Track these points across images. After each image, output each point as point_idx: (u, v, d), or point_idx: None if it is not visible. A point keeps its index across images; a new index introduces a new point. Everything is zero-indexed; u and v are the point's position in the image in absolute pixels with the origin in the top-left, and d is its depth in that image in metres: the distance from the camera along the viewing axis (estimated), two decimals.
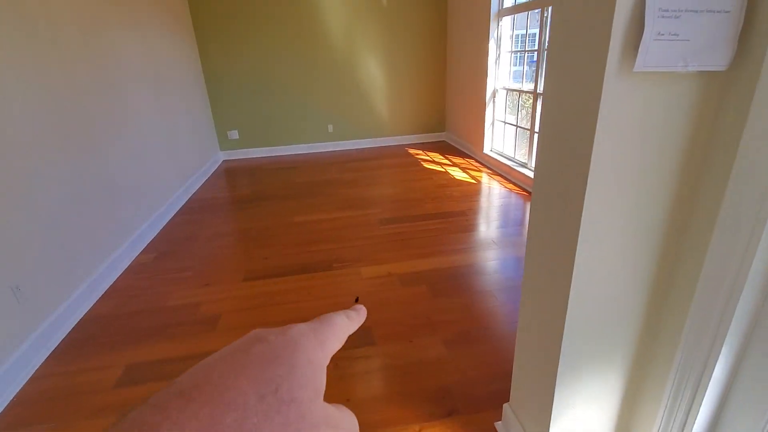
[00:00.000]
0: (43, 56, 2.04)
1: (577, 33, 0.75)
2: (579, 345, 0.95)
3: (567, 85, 0.80)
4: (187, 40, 4.47)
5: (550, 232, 0.94)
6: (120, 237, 2.58)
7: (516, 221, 3.01)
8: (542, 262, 0.99)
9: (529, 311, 1.10)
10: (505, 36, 4.08)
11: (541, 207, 0.97)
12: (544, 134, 0.92)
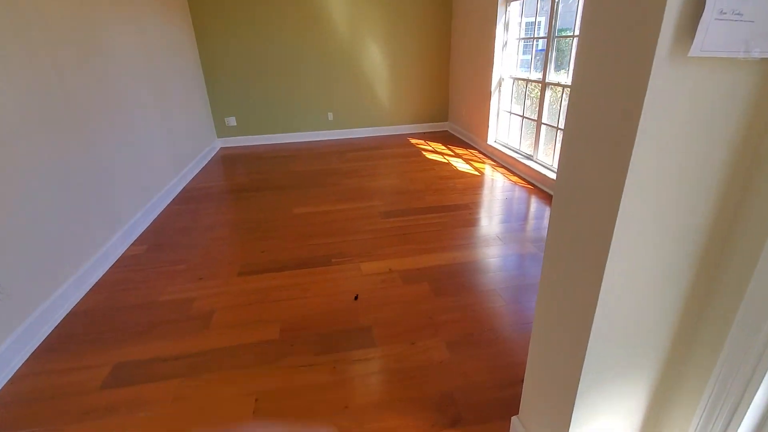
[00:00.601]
0: (29, 38, 1.92)
1: (618, 11, 0.65)
2: (604, 357, 0.86)
3: (603, 72, 0.69)
4: (183, 24, 4.31)
5: (575, 237, 0.85)
6: (110, 228, 2.48)
7: (520, 216, 2.92)
8: (565, 269, 0.90)
9: (546, 319, 1.01)
10: (513, 22, 3.93)
11: (564, 208, 0.88)
12: (571, 129, 0.81)
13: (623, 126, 0.66)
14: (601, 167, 0.73)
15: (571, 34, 3.07)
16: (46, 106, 2.00)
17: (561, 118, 3.26)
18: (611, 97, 0.68)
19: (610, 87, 0.68)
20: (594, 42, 0.71)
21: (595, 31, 0.71)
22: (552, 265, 0.96)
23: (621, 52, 0.65)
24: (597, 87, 0.71)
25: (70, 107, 2.20)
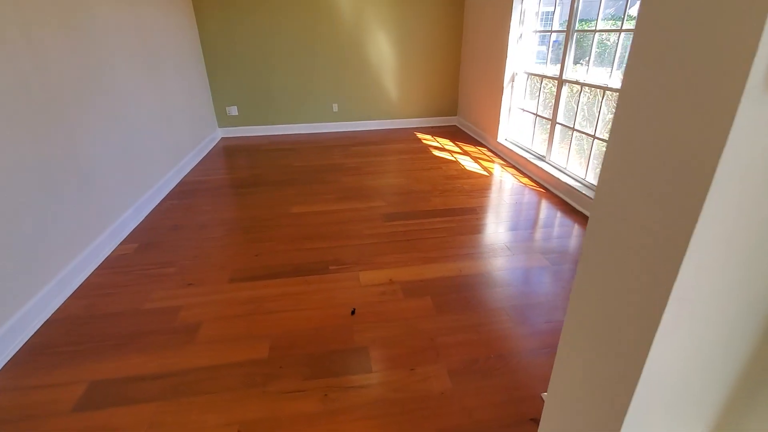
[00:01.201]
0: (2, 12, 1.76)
1: (695, 20, 0.48)
2: (648, 414, 0.71)
3: (670, 89, 0.53)
4: (183, 9, 4.13)
5: (619, 275, 0.69)
6: (98, 226, 2.35)
7: (529, 223, 2.75)
8: (602, 310, 0.74)
9: (572, 362, 0.86)
10: (530, 12, 3.71)
11: (606, 240, 0.72)
12: (618, 151, 0.65)
13: (696, 167, 0.50)
14: (662, 204, 0.57)
15: (593, 27, 2.85)
16: (18, 91, 1.85)
17: (578, 117, 3.07)
18: (681, 131, 0.52)
19: (680, 117, 0.52)
20: (658, 59, 0.55)
21: (659, 38, 0.54)
22: (583, 306, 0.81)
23: (700, 74, 0.48)
24: (659, 116, 0.55)
25: (50, 94, 2.05)
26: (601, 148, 2.88)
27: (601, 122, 2.83)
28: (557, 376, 0.92)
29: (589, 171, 2.99)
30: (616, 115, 0.65)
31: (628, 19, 2.59)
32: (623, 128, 0.64)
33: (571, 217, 2.81)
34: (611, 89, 2.67)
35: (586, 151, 3.15)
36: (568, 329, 0.86)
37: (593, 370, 0.78)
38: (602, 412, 0.76)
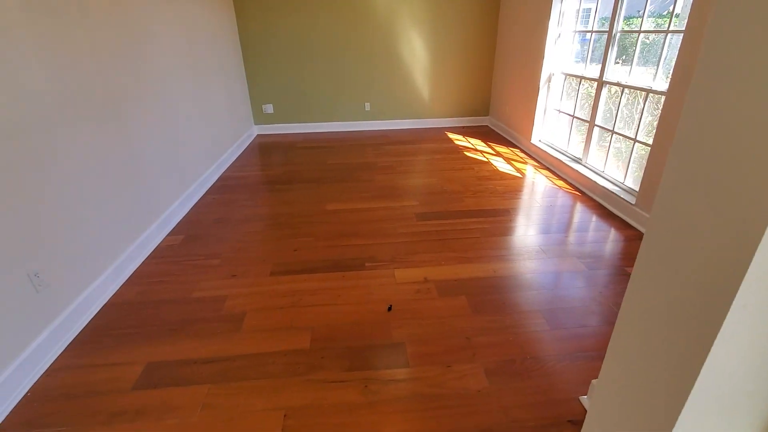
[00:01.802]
0: (69, 23, 1.91)
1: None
2: (700, 420, 0.73)
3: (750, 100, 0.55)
4: (224, 10, 4.28)
5: (679, 284, 0.71)
6: (149, 217, 2.50)
7: (564, 225, 2.73)
8: (657, 319, 0.76)
9: (621, 367, 0.89)
10: (569, 12, 3.65)
11: (666, 249, 0.74)
12: (683, 162, 0.67)
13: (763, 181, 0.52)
14: (727, 226, 0.59)
15: (635, 26, 2.78)
16: (83, 92, 2.00)
17: (617, 119, 3.00)
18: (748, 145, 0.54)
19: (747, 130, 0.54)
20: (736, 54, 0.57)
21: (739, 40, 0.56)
22: (632, 321, 0.82)
23: None
24: (734, 118, 0.57)
25: (109, 93, 2.20)
26: (641, 152, 2.82)
27: (642, 125, 2.77)
28: (604, 379, 0.94)
29: (629, 175, 2.93)
30: (683, 119, 0.67)
31: (669, 17, 2.52)
32: (689, 135, 0.65)
33: (607, 221, 2.76)
34: (655, 92, 2.60)
35: (624, 154, 3.08)
36: (618, 335, 0.88)
37: (644, 376, 0.80)
38: (652, 417, 0.78)
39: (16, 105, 1.57)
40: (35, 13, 1.69)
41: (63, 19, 1.86)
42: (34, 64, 1.68)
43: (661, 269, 0.73)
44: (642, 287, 0.79)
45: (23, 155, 1.59)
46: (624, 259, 2.32)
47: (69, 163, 1.84)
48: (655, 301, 0.76)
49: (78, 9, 1.96)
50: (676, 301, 0.70)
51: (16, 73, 1.58)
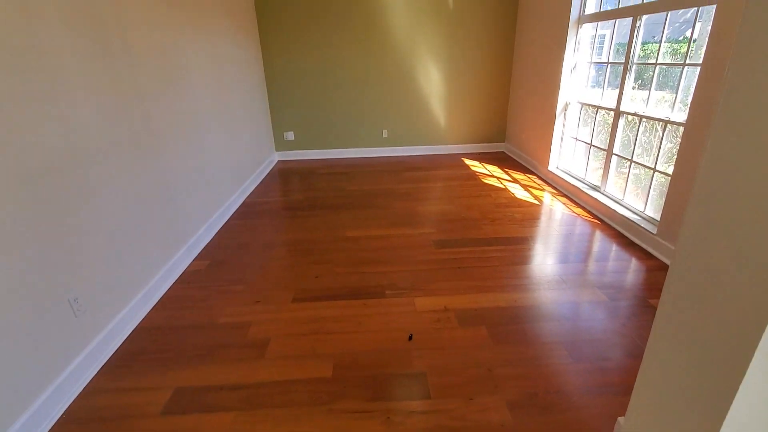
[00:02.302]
0: (115, 64, 2.06)
1: None
2: None
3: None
4: (251, 43, 4.52)
5: (702, 328, 0.73)
6: (178, 242, 2.60)
7: (584, 255, 2.72)
8: (685, 359, 0.78)
9: (649, 404, 0.89)
10: (585, 43, 3.73)
11: (690, 293, 0.76)
12: (706, 205, 0.71)
13: None
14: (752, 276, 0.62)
15: (654, 54, 2.81)
16: (125, 128, 2.14)
17: (636, 146, 3.02)
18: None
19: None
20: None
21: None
22: (660, 360, 0.84)
23: None
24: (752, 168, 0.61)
25: (149, 128, 2.34)
26: (661, 179, 2.82)
27: (662, 152, 2.78)
28: (632, 418, 0.95)
29: (649, 203, 2.92)
30: (704, 165, 0.71)
31: (687, 42, 2.56)
32: (712, 179, 0.69)
33: (628, 251, 2.75)
34: (674, 122, 2.62)
35: (643, 182, 3.08)
36: (645, 373, 0.89)
37: (673, 415, 0.81)
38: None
39: (66, 141, 1.70)
40: (86, 56, 1.85)
41: (110, 62, 2.01)
42: (84, 103, 1.82)
43: (687, 307, 0.75)
44: (669, 325, 0.81)
45: (70, 188, 1.70)
46: (647, 290, 2.29)
47: (109, 194, 1.95)
48: (683, 339, 0.77)
49: (123, 51, 2.13)
50: (704, 341, 0.72)
51: (68, 112, 1.72)
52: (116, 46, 2.07)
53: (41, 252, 1.54)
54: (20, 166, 1.46)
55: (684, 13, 2.73)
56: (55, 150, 1.63)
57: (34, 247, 1.51)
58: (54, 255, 1.60)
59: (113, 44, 2.04)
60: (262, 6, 4.71)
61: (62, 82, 1.69)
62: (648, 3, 2.83)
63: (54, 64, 1.65)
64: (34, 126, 1.53)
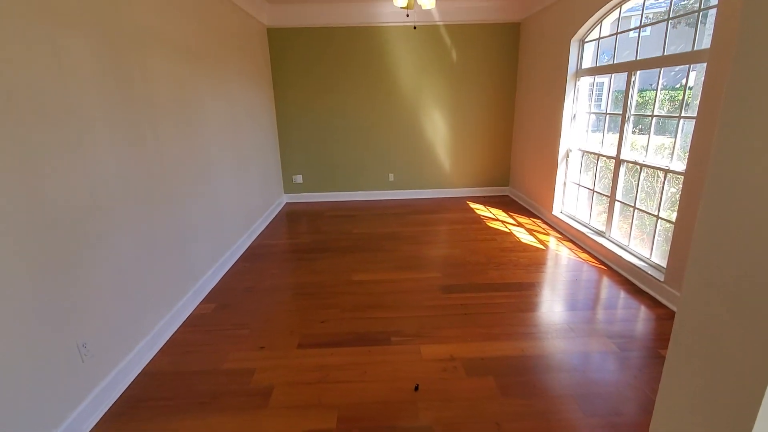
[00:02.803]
0: (136, 112, 2.19)
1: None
2: None
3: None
4: (265, 91, 4.77)
5: (709, 387, 0.73)
6: (185, 286, 2.63)
7: (592, 302, 2.70)
8: (693, 418, 0.78)
9: None
10: (583, 94, 3.89)
11: (694, 347, 0.77)
12: (703, 267, 0.73)
13: None
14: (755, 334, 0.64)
15: (651, 100, 2.91)
16: (144, 176, 2.23)
17: (639, 191, 3.07)
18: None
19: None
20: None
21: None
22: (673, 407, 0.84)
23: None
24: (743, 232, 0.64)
25: (164, 174, 2.44)
26: (666, 225, 2.84)
27: (665, 197, 2.82)
28: None
29: (655, 249, 2.93)
30: (698, 233, 0.74)
31: (680, 89, 2.67)
32: (706, 244, 0.72)
33: (636, 298, 2.72)
34: (674, 172, 2.69)
35: (648, 227, 3.10)
36: (657, 430, 0.88)
37: None
38: None
39: (87, 191, 1.78)
40: (112, 110, 1.97)
41: (133, 114, 2.14)
42: (106, 153, 1.92)
43: (693, 363, 0.76)
44: (677, 378, 0.82)
45: (84, 236, 1.77)
46: (657, 340, 2.26)
47: (121, 240, 2.02)
48: (692, 393, 0.78)
49: (146, 104, 2.27)
50: (710, 397, 0.72)
51: (92, 162, 1.82)
52: (140, 100, 2.21)
53: (53, 297, 1.58)
54: (41, 214, 1.53)
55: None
56: (75, 199, 1.71)
57: (48, 292, 1.55)
58: (65, 301, 1.63)
59: (138, 98, 2.19)
60: (277, 55, 5.01)
61: (89, 135, 1.80)
62: (641, 60, 2.98)
63: (83, 118, 1.77)
64: (59, 176, 1.62)
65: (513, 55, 5.13)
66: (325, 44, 4.99)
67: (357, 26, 4.93)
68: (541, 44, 4.45)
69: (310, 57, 5.03)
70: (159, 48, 2.41)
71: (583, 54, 3.80)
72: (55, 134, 1.61)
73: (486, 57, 5.12)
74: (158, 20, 2.41)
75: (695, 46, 2.53)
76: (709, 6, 2.45)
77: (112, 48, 1.98)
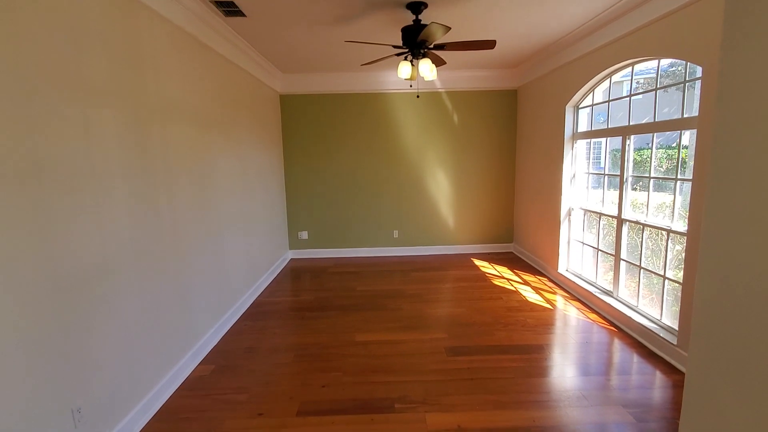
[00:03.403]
0: (153, 177, 2.29)
1: None
2: None
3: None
4: (275, 151, 4.98)
5: None
6: (185, 346, 2.57)
7: (604, 366, 2.60)
8: None
9: None
10: (581, 155, 4.02)
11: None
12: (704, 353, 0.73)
13: None
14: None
15: (648, 158, 2.98)
16: (155, 238, 2.28)
17: (644, 249, 3.06)
18: None
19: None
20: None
21: None
22: None
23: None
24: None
25: (175, 235, 2.49)
26: (673, 285, 2.80)
27: (671, 254, 2.80)
28: None
29: (665, 310, 2.86)
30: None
31: (676, 148, 2.75)
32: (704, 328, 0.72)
33: (650, 363, 2.62)
34: (675, 232, 2.70)
35: (656, 287, 3.06)
36: None
37: None
38: None
39: (98, 254, 1.82)
40: (131, 175, 2.07)
41: (150, 178, 2.24)
42: (122, 217, 1.99)
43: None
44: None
45: (88, 299, 1.78)
46: (675, 409, 2.14)
47: (124, 303, 2.02)
48: None
49: (163, 169, 2.38)
50: None
51: (107, 226, 1.88)
52: (158, 165, 2.32)
53: (53, 361, 1.55)
54: (49, 277, 1.56)
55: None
56: (85, 262, 1.74)
57: (48, 356, 1.53)
58: (65, 365, 1.61)
59: (156, 163, 2.30)
60: (287, 118, 5.29)
61: (106, 200, 1.88)
62: (634, 125, 3.12)
63: (103, 184, 1.85)
64: (72, 240, 1.67)
65: (512, 118, 5.39)
66: (333, 108, 5.29)
67: (364, 93, 5.25)
68: (537, 109, 4.69)
69: (319, 120, 5.31)
70: (178, 115, 2.57)
71: (579, 118, 3.98)
72: (74, 199, 1.68)
73: (486, 120, 5.37)
74: (180, 91, 2.60)
75: (685, 112, 2.66)
76: (694, 78, 2.61)
77: (136, 117, 2.13)
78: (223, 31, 3.18)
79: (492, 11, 3.03)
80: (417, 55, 2.99)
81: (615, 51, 3.16)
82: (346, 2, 2.79)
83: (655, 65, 2.94)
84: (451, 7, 2.94)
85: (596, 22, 3.20)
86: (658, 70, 2.92)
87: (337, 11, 2.96)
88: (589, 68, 3.54)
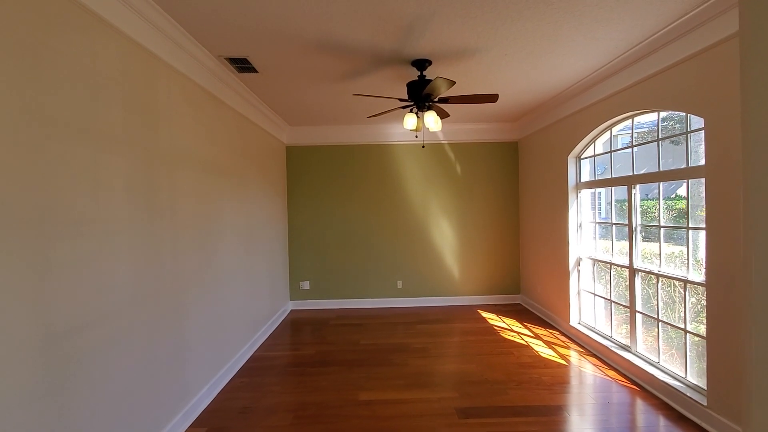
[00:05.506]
0: (159, 225, 2.25)
1: None
2: None
3: None
4: (280, 202, 5.00)
5: None
6: (175, 406, 2.39)
7: (628, 431, 2.38)
8: None
9: None
10: (586, 204, 4.01)
11: None
12: None
13: None
14: None
15: (652, 209, 2.95)
16: (155, 286, 2.20)
17: (660, 301, 2.93)
18: None
19: None
20: None
21: None
22: None
23: None
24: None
25: (175, 284, 2.41)
26: (695, 339, 2.64)
27: (689, 310, 2.67)
28: None
29: (689, 367, 2.68)
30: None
31: (676, 199, 2.71)
32: None
33: (680, 427, 2.41)
34: (693, 282, 2.60)
35: (675, 342, 2.89)
36: None
37: None
38: None
39: (94, 305, 1.74)
40: (136, 221, 2.04)
41: (156, 226, 2.21)
42: (122, 264, 1.92)
43: None
44: None
45: (80, 354, 1.67)
46: None
47: (119, 357, 1.90)
48: None
49: (169, 218, 2.35)
50: None
51: (106, 275, 1.81)
52: (164, 214, 2.30)
53: (35, 420, 1.42)
54: (39, 334, 1.47)
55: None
56: (78, 315, 1.66)
57: (31, 423, 1.40)
58: (46, 426, 1.47)
59: (162, 212, 2.28)
60: (293, 169, 5.36)
61: (107, 247, 1.83)
62: (640, 174, 3.13)
63: (105, 230, 1.81)
64: (68, 292, 1.60)
65: (514, 168, 5.46)
66: (338, 159, 5.39)
67: (369, 144, 5.38)
68: (539, 160, 4.76)
69: (324, 170, 5.38)
70: (187, 164, 2.59)
71: (581, 168, 4.02)
72: (75, 247, 1.63)
73: (488, 170, 5.45)
74: (190, 141, 2.64)
75: (689, 161, 2.67)
76: (693, 130, 2.64)
77: (146, 165, 2.13)
78: (235, 85, 3.31)
79: (493, 67, 3.16)
80: (422, 108, 3.07)
81: (616, 103, 3.25)
82: (353, 59, 2.92)
83: (652, 118, 3.01)
84: (455, 64, 3.06)
85: (596, 76, 3.32)
86: (659, 121, 2.98)
87: (345, 68, 3.09)
88: (590, 120, 3.63)
